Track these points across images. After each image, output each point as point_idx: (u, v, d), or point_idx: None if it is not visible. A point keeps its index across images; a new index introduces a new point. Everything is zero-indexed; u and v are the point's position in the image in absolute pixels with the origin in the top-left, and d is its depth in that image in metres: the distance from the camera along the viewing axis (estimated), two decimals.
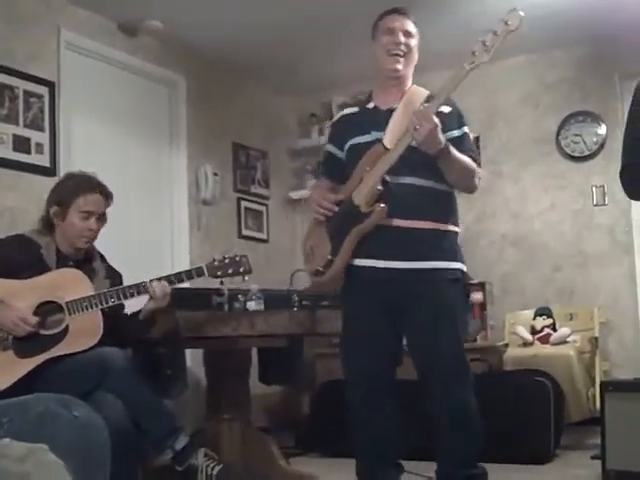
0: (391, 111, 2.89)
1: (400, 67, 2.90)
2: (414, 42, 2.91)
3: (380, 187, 2.81)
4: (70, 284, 2.87)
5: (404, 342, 2.97)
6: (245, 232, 5.31)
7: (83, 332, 2.81)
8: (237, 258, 3.01)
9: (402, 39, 2.88)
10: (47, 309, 2.84)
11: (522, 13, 2.58)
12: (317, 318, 3.48)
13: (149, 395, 2.78)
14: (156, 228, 4.72)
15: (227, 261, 2.99)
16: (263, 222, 5.52)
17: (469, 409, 2.85)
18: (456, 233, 2.96)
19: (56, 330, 2.80)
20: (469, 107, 4.76)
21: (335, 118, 3.17)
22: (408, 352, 2.92)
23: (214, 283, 3.40)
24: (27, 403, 1.29)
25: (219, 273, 2.99)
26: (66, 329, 2.81)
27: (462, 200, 5.39)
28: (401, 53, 2.88)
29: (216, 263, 2.99)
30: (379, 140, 2.85)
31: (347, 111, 3.11)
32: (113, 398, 2.60)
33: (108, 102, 4.43)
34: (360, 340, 2.92)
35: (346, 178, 2.98)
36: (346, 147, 2.98)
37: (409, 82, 2.96)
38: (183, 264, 4.34)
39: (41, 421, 1.22)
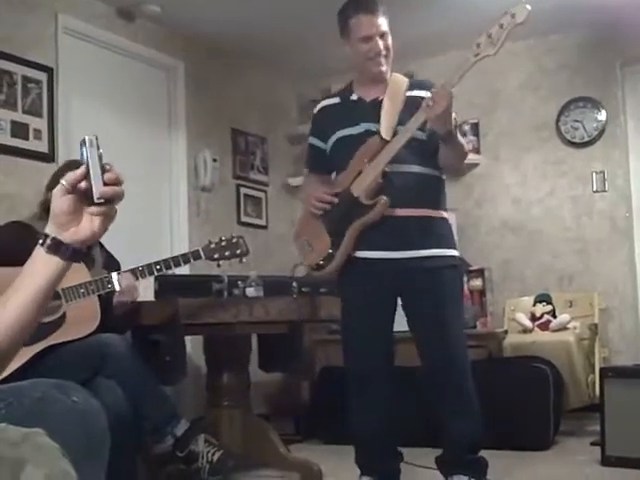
0: (377, 102, 2.89)
1: (384, 68, 2.91)
2: (390, 39, 2.89)
3: (381, 180, 2.80)
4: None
5: (404, 328, 2.98)
6: (244, 219, 5.30)
7: (81, 319, 2.80)
8: (234, 240, 3.00)
9: (381, 44, 2.86)
10: None
11: (529, 7, 2.55)
12: (317, 304, 3.47)
13: (149, 381, 2.78)
14: (155, 214, 4.71)
15: (224, 243, 2.98)
16: (262, 208, 5.51)
17: (470, 396, 2.86)
18: (447, 220, 2.98)
19: (53, 317, 2.79)
20: (469, 92, 4.78)
21: (316, 109, 3.14)
22: (412, 338, 2.93)
23: (213, 270, 3.39)
24: (24, 389, 1.27)
25: (216, 255, 2.97)
26: (63, 316, 2.80)
27: (461, 186, 5.42)
28: (383, 56, 2.88)
29: (213, 245, 2.98)
30: (370, 132, 2.85)
31: (328, 102, 3.09)
32: (112, 384, 2.60)
33: (106, 87, 4.41)
34: (359, 329, 2.94)
35: (332, 170, 2.97)
36: (332, 139, 2.97)
37: (389, 73, 2.95)
38: (183, 250, 4.31)
39: (39, 406, 1.21)
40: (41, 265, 1.29)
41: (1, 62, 3.74)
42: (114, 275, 2.85)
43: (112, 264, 3.10)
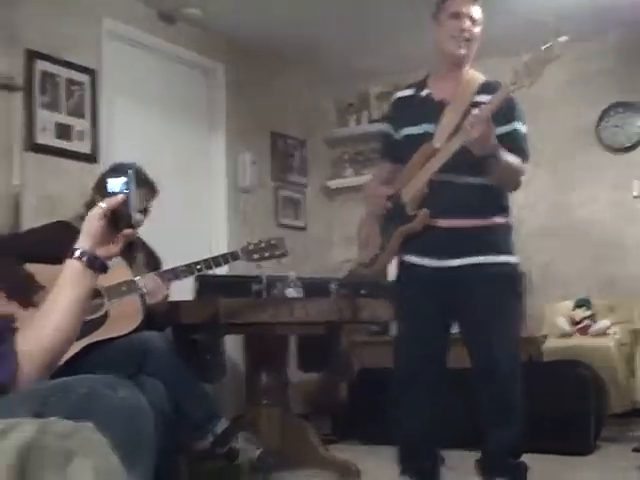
0: (443, 104, 2.83)
1: (463, 52, 2.83)
2: (478, 30, 2.83)
3: (427, 190, 2.78)
4: (110, 270, 2.88)
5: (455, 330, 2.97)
6: (283, 220, 5.32)
7: (123, 316, 2.83)
8: (273, 241, 3.01)
9: (468, 25, 2.80)
10: None
11: (564, 38, 2.53)
12: (356, 306, 3.46)
13: (190, 379, 2.79)
14: (195, 215, 4.74)
15: (263, 244, 3.00)
16: (301, 211, 5.52)
17: (514, 400, 2.83)
18: (505, 225, 2.91)
19: (96, 315, 2.82)
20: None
21: (392, 99, 3.10)
22: (462, 342, 2.92)
23: (253, 271, 3.41)
24: (71, 384, 1.29)
25: (255, 256, 2.99)
26: (106, 314, 2.83)
27: None
28: (466, 38, 2.81)
29: (251, 247, 3.00)
30: (428, 134, 2.80)
31: (402, 94, 3.04)
32: (155, 381, 2.61)
33: (148, 89, 4.45)
34: (410, 332, 2.93)
35: (404, 162, 2.95)
36: (401, 134, 2.95)
37: (467, 68, 2.88)
38: (221, 251, 4.33)
39: (85, 402, 1.22)
40: (79, 277, 1.48)
41: (45, 64, 3.79)
42: (138, 279, 2.88)
43: (153, 262, 3.12)
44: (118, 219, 1.51)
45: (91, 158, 3.95)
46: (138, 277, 2.88)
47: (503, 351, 2.81)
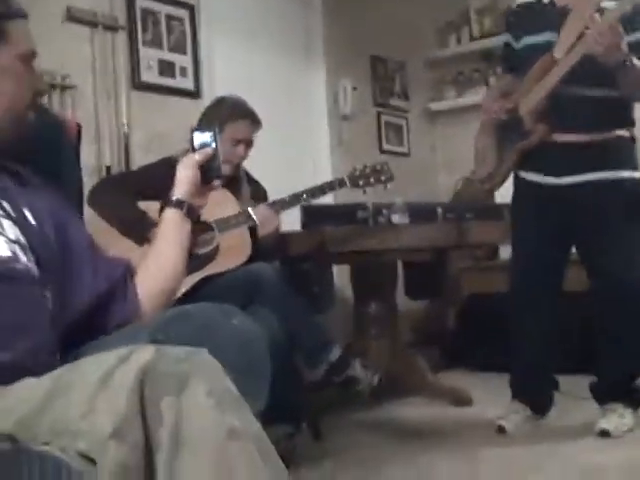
0: (566, 9, 2.67)
1: None
2: None
3: (545, 103, 2.68)
4: (217, 204, 2.92)
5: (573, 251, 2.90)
6: (386, 146, 5.27)
7: (233, 249, 2.88)
8: (378, 166, 2.98)
9: None
10: (197, 228, 2.90)
11: None
12: (462, 230, 3.41)
13: (302, 309, 2.81)
14: (297, 145, 4.75)
15: (368, 170, 2.97)
16: (403, 136, 5.45)
17: (636, 328, 2.77)
18: (629, 139, 2.77)
19: (207, 249, 2.87)
20: None
21: (514, 5, 2.97)
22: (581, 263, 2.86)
23: (356, 198, 3.40)
24: (187, 312, 1.32)
25: (361, 182, 2.97)
26: (217, 247, 2.88)
27: None
28: None
29: (357, 173, 2.97)
30: (551, 43, 2.67)
31: (523, 0, 2.90)
32: (267, 312, 2.65)
33: (246, 22, 4.44)
34: (526, 252, 2.89)
35: (523, 74, 2.86)
36: (521, 43, 2.83)
37: None
38: (325, 180, 4.35)
39: (202, 329, 1.25)
40: (180, 225, 1.55)
41: (146, 2, 3.82)
42: (250, 210, 2.90)
43: (260, 194, 3.15)
44: (206, 171, 1.59)
45: (194, 94, 3.99)
46: (250, 208, 2.91)
47: (624, 273, 2.72)
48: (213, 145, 1.60)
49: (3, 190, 1.33)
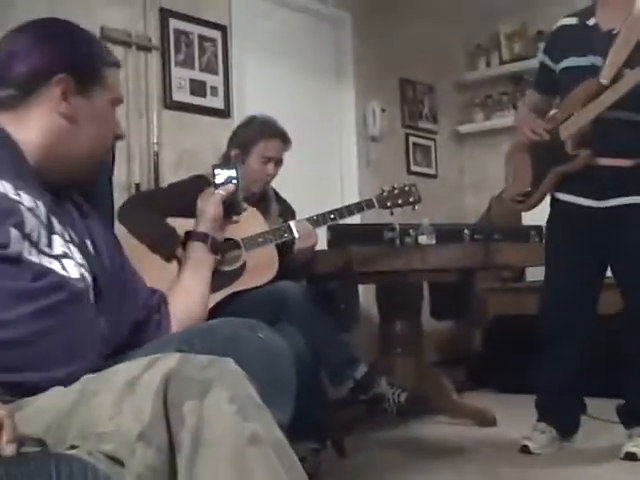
0: (612, 35, 2.65)
1: None
2: None
3: (590, 128, 2.65)
4: (245, 221, 2.95)
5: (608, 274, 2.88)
6: (414, 168, 5.29)
7: (260, 267, 2.89)
8: (406, 188, 2.99)
9: None
10: (225, 246, 2.93)
11: None
12: (489, 251, 3.42)
13: (327, 327, 2.81)
14: (325, 165, 4.79)
15: (396, 191, 2.98)
16: (432, 157, 5.47)
17: None
18: None
19: (234, 266, 2.89)
20: None
21: (554, 27, 2.93)
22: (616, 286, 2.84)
23: (384, 219, 3.42)
24: (213, 326, 1.35)
25: (389, 204, 2.98)
26: (244, 265, 2.91)
27: None
28: None
29: (385, 194, 2.99)
30: (595, 67, 2.65)
31: (566, 21, 2.87)
32: (293, 330, 2.66)
33: (277, 43, 4.50)
34: (560, 276, 2.86)
35: (556, 92, 2.82)
36: (561, 65, 2.80)
37: None
38: (352, 200, 4.37)
39: (228, 342, 1.27)
40: (205, 258, 1.65)
41: (180, 23, 3.89)
42: (292, 223, 2.93)
43: (288, 213, 3.18)
44: (227, 207, 1.68)
45: (224, 113, 4.05)
46: (291, 222, 2.94)
47: None
48: (234, 182, 1.68)
49: (71, 219, 1.40)
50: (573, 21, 2.84)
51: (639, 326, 2.76)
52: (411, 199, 2.98)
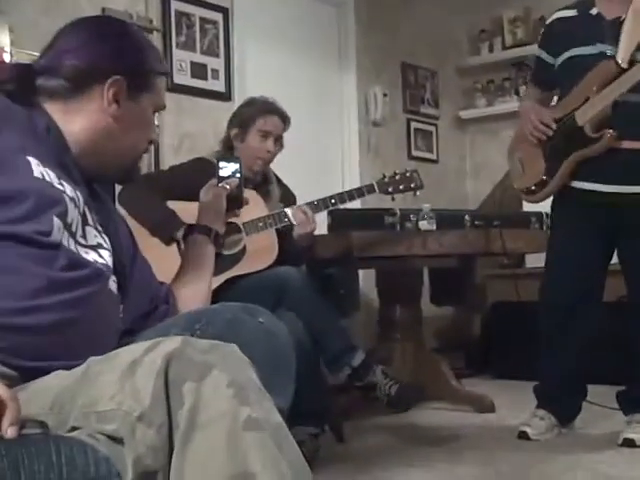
0: (619, 22, 2.64)
1: None
2: None
3: (611, 111, 2.64)
4: (246, 205, 2.94)
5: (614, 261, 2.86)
6: (415, 153, 5.28)
7: (260, 252, 2.89)
8: (408, 174, 2.98)
9: None
10: (226, 230, 2.92)
11: None
12: (489, 238, 3.42)
13: (327, 313, 2.82)
14: (327, 150, 4.78)
15: (397, 177, 2.97)
16: (433, 142, 5.46)
17: None
18: None
19: (235, 250, 2.89)
20: None
21: (549, 20, 2.93)
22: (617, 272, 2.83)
23: (384, 204, 3.41)
24: (216, 310, 1.36)
25: (390, 189, 2.97)
26: (244, 249, 2.90)
27: None
28: None
29: (386, 179, 2.98)
30: (604, 55, 2.65)
31: (563, 14, 2.86)
32: (293, 316, 2.66)
33: (278, 26, 4.47)
34: (565, 263, 2.85)
35: (556, 88, 2.83)
36: (563, 56, 2.79)
37: None
38: (354, 185, 4.35)
39: (229, 326, 1.28)
40: (209, 252, 1.67)
41: (181, 5, 3.87)
42: (288, 210, 2.92)
43: (289, 198, 3.17)
44: (229, 201, 1.70)
45: (225, 96, 4.03)
46: (287, 209, 2.93)
47: None
48: (238, 175, 1.71)
49: (100, 210, 1.43)
50: (571, 13, 2.82)
51: (637, 319, 2.76)
52: (413, 185, 2.97)
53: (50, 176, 1.27)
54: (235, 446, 0.98)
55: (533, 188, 2.88)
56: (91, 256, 1.31)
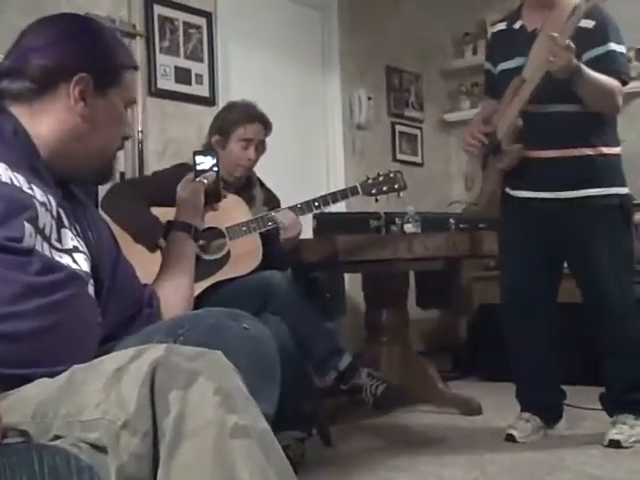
0: (535, 34, 2.74)
1: None
2: None
3: (519, 122, 2.73)
4: (229, 210, 2.93)
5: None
6: (400, 156, 5.29)
7: (244, 256, 2.88)
8: (391, 174, 2.99)
9: None
10: (209, 235, 2.91)
11: None
12: (475, 240, 3.43)
13: (312, 316, 2.82)
14: (311, 153, 4.77)
15: (381, 178, 2.98)
16: (418, 146, 5.47)
17: (630, 335, 2.78)
18: (613, 155, 2.81)
19: (218, 255, 2.88)
20: (628, 17, 4.47)
21: (489, 34, 3.09)
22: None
23: (369, 207, 3.41)
24: (199, 316, 1.35)
25: (373, 191, 2.98)
26: (228, 254, 2.89)
27: (624, 117, 5.11)
28: None
29: (370, 181, 2.99)
30: (522, 68, 2.75)
31: (497, 27, 3.01)
32: (278, 320, 2.65)
33: (262, 30, 4.47)
34: (512, 266, 2.93)
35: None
36: (497, 69, 2.92)
37: None
38: (339, 188, 4.37)
39: (213, 332, 1.27)
40: (190, 248, 1.65)
41: (164, 9, 3.85)
42: (274, 213, 2.91)
43: (272, 202, 3.16)
44: (207, 195, 1.67)
45: (209, 101, 4.02)
46: (273, 212, 2.92)
47: (614, 286, 2.74)
48: (215, 169, 1.68)
49: (76, 213, 1.41)
50: (502, 26, 2.96)
51: (600, 319, 2.80)
52: (396, 185, 2.98)
53: (19, 180, 1.25)
54: (222, 455, 0.97)
55: (474, 201, 2.99)
56: (65, 260, 1.29)
